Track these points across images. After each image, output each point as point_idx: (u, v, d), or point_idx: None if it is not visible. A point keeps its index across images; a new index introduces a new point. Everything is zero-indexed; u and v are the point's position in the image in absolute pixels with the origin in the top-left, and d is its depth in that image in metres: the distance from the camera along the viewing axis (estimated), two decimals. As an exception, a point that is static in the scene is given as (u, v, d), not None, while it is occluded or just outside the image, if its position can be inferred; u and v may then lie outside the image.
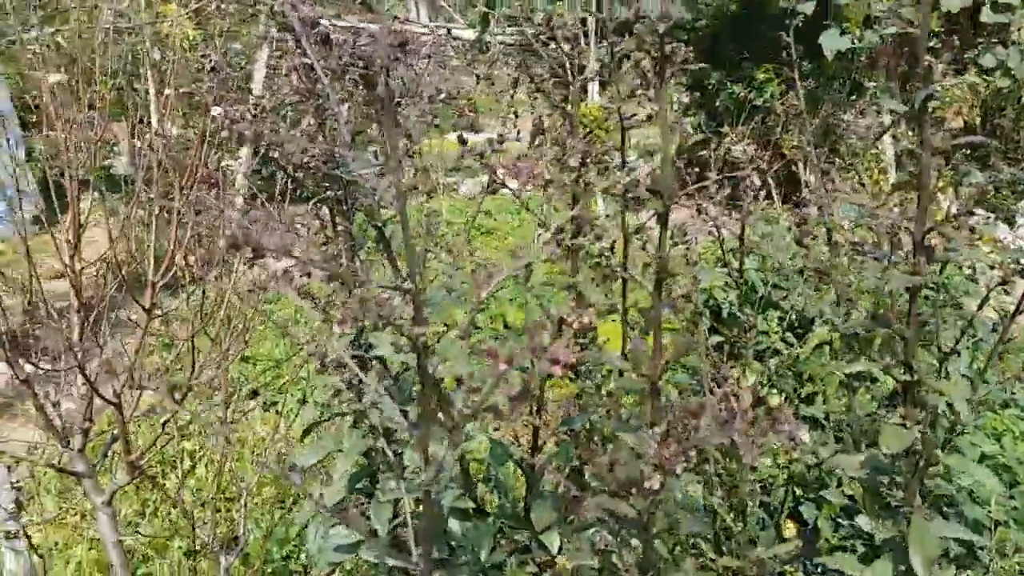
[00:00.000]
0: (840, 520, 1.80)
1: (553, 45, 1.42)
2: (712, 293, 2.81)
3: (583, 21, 5.30)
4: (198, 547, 2.65)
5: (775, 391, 2.58)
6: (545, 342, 0.64)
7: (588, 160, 1.23)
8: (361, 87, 0.79)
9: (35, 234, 3.38)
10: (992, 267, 1.35)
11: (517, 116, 1.88)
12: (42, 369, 1.56)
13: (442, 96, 0.99)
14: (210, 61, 1.53)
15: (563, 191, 1.33)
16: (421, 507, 0.72)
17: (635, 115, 1.50)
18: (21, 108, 5.69)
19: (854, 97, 5.12)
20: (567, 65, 1.42)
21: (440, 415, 0.68)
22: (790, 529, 2.36)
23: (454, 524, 1.06)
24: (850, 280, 1.09)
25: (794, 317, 2.78)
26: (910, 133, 5.24)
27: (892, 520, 0.82)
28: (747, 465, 1.14)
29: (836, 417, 1.73)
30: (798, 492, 2.42)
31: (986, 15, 6.18)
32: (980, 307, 1.47)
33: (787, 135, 4.66)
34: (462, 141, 1.15)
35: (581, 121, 1.60)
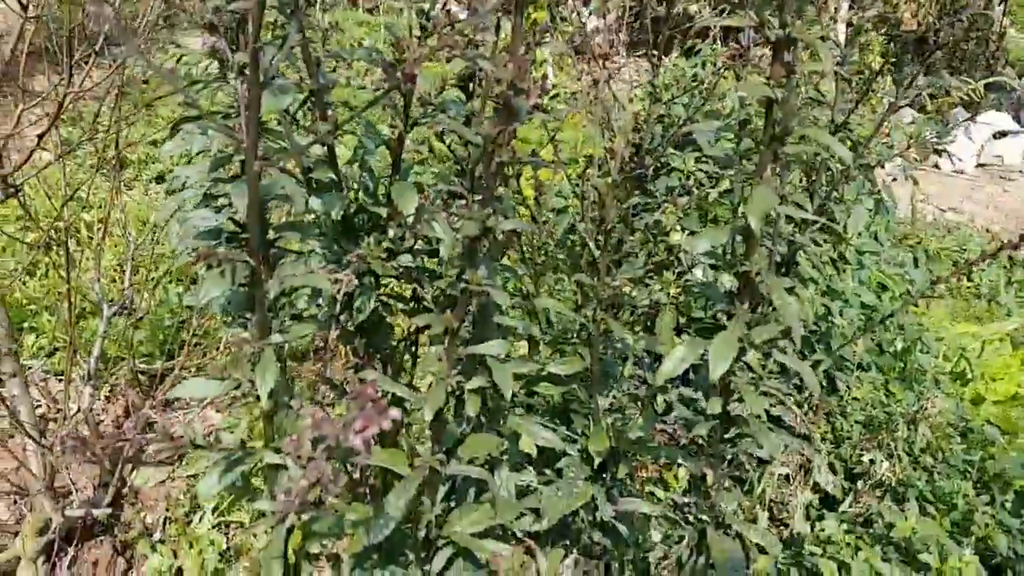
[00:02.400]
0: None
1: None
2: (637, 123, 2.79)
3: None
4: (89, 308, 2.62)
5: (679, 229, 2.64)
6: None
7: None
8: None
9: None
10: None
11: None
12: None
13: None
14: None
15: None
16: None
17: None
18: None
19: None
20: None
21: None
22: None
23: (315, 202, 1.05)
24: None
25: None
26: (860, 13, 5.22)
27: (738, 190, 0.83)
28: (612, 205, 1.16)
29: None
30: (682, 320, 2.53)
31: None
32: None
33: None
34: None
35: None
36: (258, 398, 0.80)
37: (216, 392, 0.78)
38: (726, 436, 0.96)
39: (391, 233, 1.02)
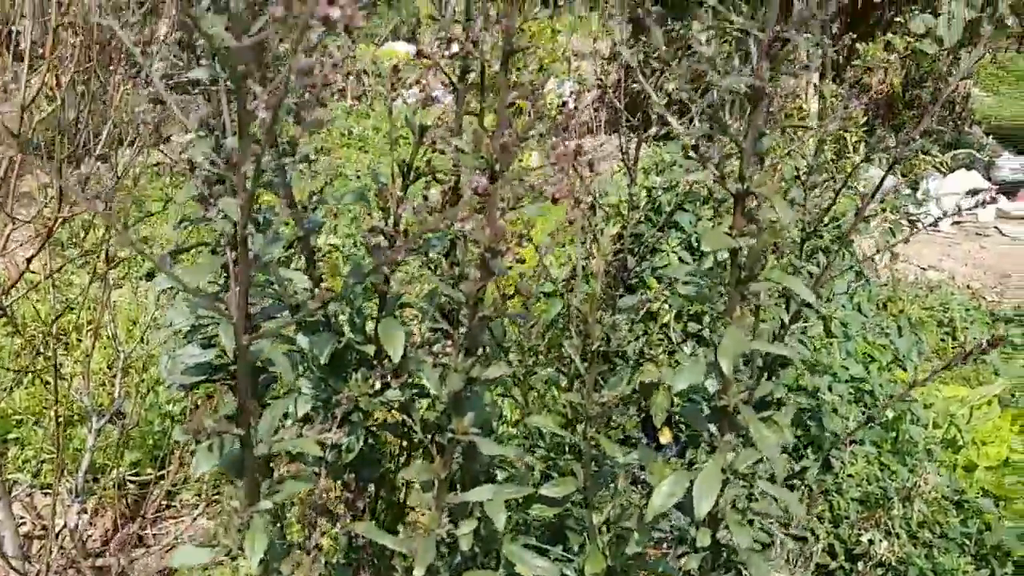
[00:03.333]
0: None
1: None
2: (619, 209, 2.85)
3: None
4: (76, 415, 2.60)
5: (667, 307, 2.67)
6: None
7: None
8: None
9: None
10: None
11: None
12: None
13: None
14: None
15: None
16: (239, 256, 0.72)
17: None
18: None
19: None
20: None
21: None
22: (666, 435, 2.49)
23: (303, 340, 1.06)
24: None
25: (694, 239, 2.85)
26: (832, 87, 5.37)
27: (712, 330, 0.86)
28: (598, 319, 1.18)
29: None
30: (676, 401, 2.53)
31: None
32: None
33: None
34: None
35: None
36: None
37: (206, 559, 0.78)
38: (717, 564, 0.96)
39: (379, 371, 1.03)
